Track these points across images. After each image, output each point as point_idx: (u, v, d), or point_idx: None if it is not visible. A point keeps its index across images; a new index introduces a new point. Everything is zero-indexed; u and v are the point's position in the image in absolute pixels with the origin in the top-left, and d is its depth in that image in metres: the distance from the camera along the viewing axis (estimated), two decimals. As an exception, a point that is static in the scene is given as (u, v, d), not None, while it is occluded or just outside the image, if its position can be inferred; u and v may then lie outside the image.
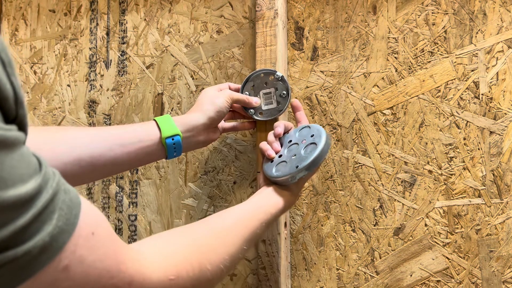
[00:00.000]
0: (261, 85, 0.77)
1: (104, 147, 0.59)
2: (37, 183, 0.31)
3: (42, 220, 0.31)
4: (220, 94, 0.72)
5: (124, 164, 0.62)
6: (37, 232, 0.30)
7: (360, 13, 0.81)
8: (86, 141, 0.59)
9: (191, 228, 0.52)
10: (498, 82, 0.73)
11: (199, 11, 0.91)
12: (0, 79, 0.29)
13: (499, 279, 0.71)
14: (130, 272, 0.38)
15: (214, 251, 0.49)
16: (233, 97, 0.73)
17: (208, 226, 0.53)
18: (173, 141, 0.64)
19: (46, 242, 0.31)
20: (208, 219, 0.55)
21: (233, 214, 0.58)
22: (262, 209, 0.61)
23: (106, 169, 0.61)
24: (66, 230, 0.32)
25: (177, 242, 0.47)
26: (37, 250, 0.30)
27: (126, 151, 0.61)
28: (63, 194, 0.33)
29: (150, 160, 0.67)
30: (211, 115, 0.69)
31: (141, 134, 0.63)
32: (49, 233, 0.31)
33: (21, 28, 1.04)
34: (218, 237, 0.51)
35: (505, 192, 0.72)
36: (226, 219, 0.56)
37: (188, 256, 0.45)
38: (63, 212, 0.32)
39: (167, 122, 0.65)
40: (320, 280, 0.80)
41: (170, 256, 0.44)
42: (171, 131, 0.64)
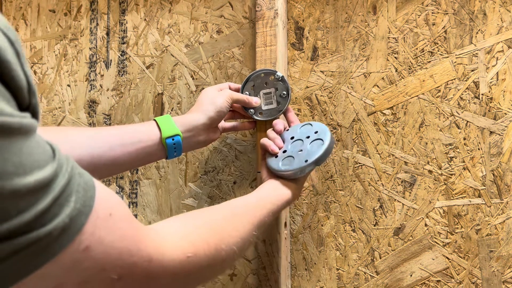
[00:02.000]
0: (261, 85, 0.77)
1: (105, 147, 0.60)
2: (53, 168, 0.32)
3: (60, 203, 0.32)
4: (220, 94, 0.72)
5: (124, 164, 0.62)
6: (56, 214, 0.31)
7: (360, 13, 0.81)
8: (87, 141, 0.59)
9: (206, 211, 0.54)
10: (498, 82, 0.73)
11: (199, 11, 0.91)
12: (15, 70, 0.30)
13: (499, 279, 0.71)
14: (149, 250, 0.39)
15: (229, 233, 0.51)
16: (233, 97, 0.73)
17: (221, 211, 0.55)
18: (173, 141, 0.64)
19: (66, 223, 0.32)
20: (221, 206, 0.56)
21: (243, 203, 0.60)
22: (269, 199, 0.63)
23: (107, 169, 0.61)
24: (83, 211, 0.33)
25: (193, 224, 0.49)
26: (57, 232, 0.31)
27: (126, 151, 0.61)
28: (78, 177, 0.34)
29: (151, 160, 0.67)
30: (211, 115, 0.69)
31: (142, 134, 0.63)
32: (68, 215, 0.32)
33: (21, 28, 1.04)
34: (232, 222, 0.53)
35: (505, 192, 0.72)
36: (237, 207, 0.58)
37: (204, 236, 0.47)
38: (80, 195, 0.33)
39: (167, 122, 0.65)
40: (320, 280, 0.80)
41: (187, 236, 0.45)
42: (171, 131, 0.65)
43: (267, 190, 0.66)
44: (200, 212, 0.53)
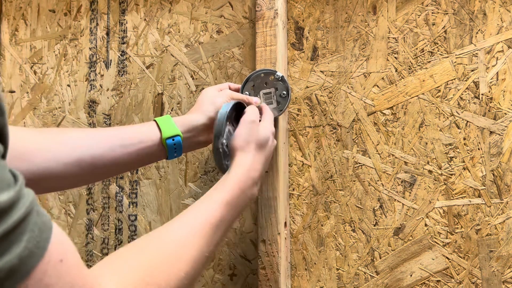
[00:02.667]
0: (261, 85, 0.77)
1: (105, 148, 0.59)
2: (9, 197, 0.29)
3: (11, 240, 0.28)
4: (220, 94, 0.72)
5: (125, 164, 0.62)
6: (4, 252, 0.28)
7: (360, 13, 0.81)
8: (87, 142, 0.59)
9: (145, 244, 0.48)
10: (498, 82, 0.73)
11: (199, 11, 0.91)
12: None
13: (499, 279, 0.71)
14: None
15: (167, 271, 0.45)
16: (233, 97, 0.73)
17: (160, 241, 0.49)
18: (173, 141, 0.64)
19: (13, 264, 0.29)
20: (161, 231, 0.50)
21: (184, 220, 0.53)
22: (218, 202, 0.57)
23: (107, 170, 0.61)
24: (35, 253, 0.30)
25: (132, 262, 0.44)
26: (3, 273, 0.28)
27: (126, 151, 0.61)
28: (36, 216, 0.31)
29: (151, 160, 0.67)
30: (211, 115, 0.69)
31: (142, 135, 0.63)
32: (17, 255, 0.29)
33: (21, 28, 1.04)
34: (170, 254, 0.47)
35: (505, 192, 0.72)
36: (176, 230, 0.51)
37: (143, 276, 0.43)
38: (34, 234, 0.30)
39: (168, 122, 0.65)
40: (320, 280, 0.80)
41: (127, 277, 0.42)
42: (172, 131, 0.65)
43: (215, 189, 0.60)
44: (142, 245, 0.48)
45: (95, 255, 0.94)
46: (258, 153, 0.65)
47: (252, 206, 0.84)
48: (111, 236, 0.94)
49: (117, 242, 0.93)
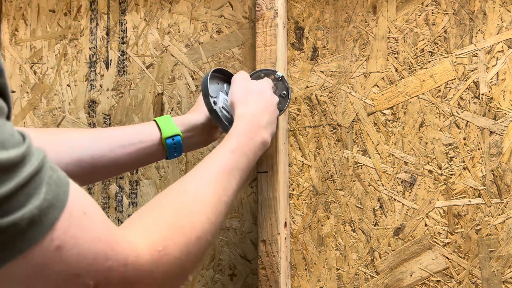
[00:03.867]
0: None
1: (105, 148, 0.60)
2: (20, 152, 0.29)
3: (28, 193, 0.29)
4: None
5: (125, 164, 0.62)
6: (23, 204, 0.28)
7: (360, 13, 0.81)
8: (87, 142, 0.59)
9: (165, 198, 0.48)
10: (498, 82, 0.73)
11: (199, 11, 0.91)
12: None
13: (499, 279, 0.71)
14: (125, 252, 0.36)
15: (190, 219, 0.46)
16: None
17: (178, 193, 0.49)
18: (173, 141, 0.64)
19: (35, 215, 0.29)
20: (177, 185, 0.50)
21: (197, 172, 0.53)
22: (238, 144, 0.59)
23: (107, 170, 0.61)
24: (55, 205, 0.30)
25: (156, 216, 0.44)
26: (25, 223, 0.28)
27: (126, 151, 0.61)
28: (50, 170, 0.32)
29: (151, 160, 0.67)
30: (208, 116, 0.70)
31: (142, 135, 0.63)
32: (37, 206, 0.29)
33: (21, 28, 1.04)
34: (190, 203, 0.48)
35: (505, 192, 0.72)
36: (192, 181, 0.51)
37: (168, 227, 0.43)
38: (52, 187, 0.31)
39: (167, 122, 0.65)
40: (320, 280, 0.80)
41: (153, 229, 0.42)
42: (172, 131, 0.65)
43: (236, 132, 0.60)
44: (164, 200, 0.48)
45: (95, 255, 0.94)
46: (258, 101, 0.65)
47: (252, 206, 0.84)
48: (111, 236, 0.94)
49: (117, 242, 0.93)
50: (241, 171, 0.57)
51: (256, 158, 0.63)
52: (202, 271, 0.87)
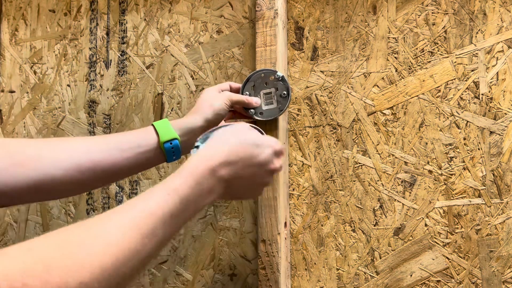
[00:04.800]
0: (261, 85, 0.77)
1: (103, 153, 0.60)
2: None
3: None
4: (219, 96, 0.72)
5: (123, 169, 0.62)
6: None
7: (360, 13, 0.81)
8: (86, 147, 0.60)
9: (65, 232, 0.39)
10: (498, 82, 0.73)
11: (199, 11, 0.91)
12: None
13: (499, 279, 0.71)
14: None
15: (71, 264, 0.36)
16: (232, 99, 0.73)
17: (78, 228, 0.40)
18: (171, 145, 0.65)
19: None
20: (93, 221, 0.42)
21: (121, 209, 0.44)
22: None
23: (106, 175, 0.61)
24: None
25: (37, 248, 0.36)
26: None
27: (125, 156, 0.62)
28: None
29: (151, 164, 0.67)
30: (208, 118, 0.69)
31: (139, 140, 0.64)
32: None
33: (21, 28, 1.04)
34: (82, 244, 0.38)
35: (505, 192, 0.72)
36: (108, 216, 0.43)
37: (42, 264, 0.34)
38: None
39: (165, 126, 0.66)
40: (320, 280, 0.80)
41: (15, 268, 0.33)
42: (169, 135, 0.65)
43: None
44: (60, 231, 0.39)
45: (95, 255, 0.94)
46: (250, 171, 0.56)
47: (252, 206, 0.84)
48: (111, 236, 0.94)
49: (117, 242, 0.93)
50: (175, 219, 0.46)
51: (202, 207, 0.52)
52: (202, 271, 0.87)
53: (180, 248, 0.88)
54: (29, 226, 0.99)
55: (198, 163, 0.50)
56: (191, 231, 0.88)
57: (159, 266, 0.89)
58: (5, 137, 1.03)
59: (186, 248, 0.88)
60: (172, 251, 0.89)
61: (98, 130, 0.96)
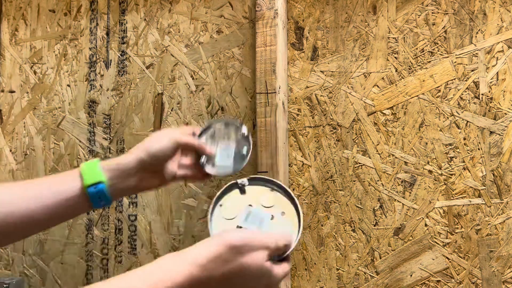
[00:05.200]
0: (221, 136, 0.70)
1: (18, 202, 0.53)
2: None
3: None
4: (164, 137, 0.64)
5: (43, 220, 0.55)
6: None
7: (360, 13, 0.81)
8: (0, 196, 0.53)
9: None
10: (498, 82, 0.73)
11: (199, 11, 0.91)
12: None
13: (499, 279, 0.71)
14: None
15: None
16: (179, 141, 0.65)
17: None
18: (95, 189, 0.57)
19: None
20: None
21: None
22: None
23: (22, 228, 0.54)
24: None
25: None
26: None
27: (44, 205, 0.55)
28: None
29: (74, 213, 0.60)
30: (142, 158, 0.61)
31: (60, 185, 0.57)
32: None
33: (21, 28, 1.04)
34: None
35: (505, 192, 0.72)
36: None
37: None
38: None
39: (91, 168, 0.58)
40: (320, 280, 0.80)
41: None
42: (93, 177, 0.57)
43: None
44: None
45: (95, 255, 0.94)
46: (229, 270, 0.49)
47: (252, 206, 0.84)
48: (111, 236, 0.94)
49: (117, 242, 0.93)
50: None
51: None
52: (202, 271, 0.87)
53: (180, 248, 0.88)
54: (29, 226, 0.99)
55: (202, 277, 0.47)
56: (191, 231, 0.88)
57: (159, 266, 0.89)
58: (5, 137, 1.03)
59: (186, 248, 0.88)
60: (172, 251, 0.89)
61: (98, 130, 0.96)
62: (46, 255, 0.98)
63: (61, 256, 0.97)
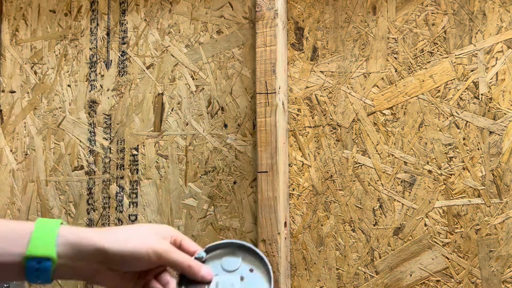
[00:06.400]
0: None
1: None
2: None
3: None
4: (152, 239, 0.48)
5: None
6: None
7: (359, 13, 0.81)
8: None
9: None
10: (498, 82, 0.73)
11: (199, 12, 0.91)
12: None
13: (498, 279, 0.72)
14: None
15: None
16: (165, 257, 0.48)
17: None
18: (38, 265, 0.43)
19: None
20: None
21: None
22: None
23: None
24: None
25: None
26: None
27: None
28: None
29: (8, 278, 0.45)
30: (107, 250, 0.45)
31: (3, 244, 0.43)
32: None
33: (22, 28, 1.04)
34: None
35: (504, 192, 0.72)
36: None
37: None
38: None
39: (46, 234, 0.44)
40: (320, 280, 0.80)
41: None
42: (42, 250, 0.43)
43: None
44: None
45: (95, 255, 0.94)
46: None
47: (252, 206, 0.84)
48: (111, 236, 0.94)
49: (118, 242, 0.93)
50: None
51: None
52: (202, 271, 0.87)
53: (180, 248, 0.89)
54: (29, 226, 0.99)
55: None
56: (191, 231, 0.88)
57: (159, 266, 0.89)
58: (6, 137, 1.03)
59: (186, 248, 0.88)
60: (172, 251, 0.89)
61: (98, 130, 0.96)
62: (46, 255, 0.98)
63: (61, 256, 0.97)
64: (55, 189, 0.99)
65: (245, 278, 0.51)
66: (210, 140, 0.88)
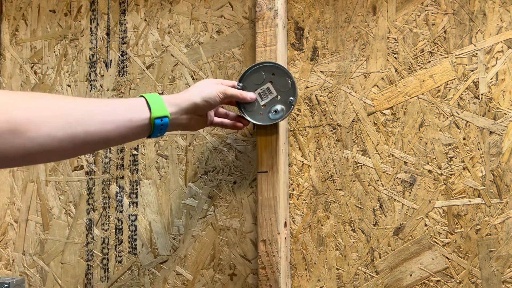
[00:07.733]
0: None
1: (98, 125, 0.59)
2: None
3: None
4: (214, 86, 0.72)
5: (113, 142, 0.62)
6: None
7: (360, 13, 0.81)
8: (80, 116, 0.58)
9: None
10: (498, 82, 0.73)
11: (199, 11, 0.91)
12: None
13: (498, 279, 0.72)
14: None
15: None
16: (226, 92, 0.72)
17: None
18: (161, 122, 0.64)
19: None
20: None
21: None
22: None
23: (96, 146, 0.61)
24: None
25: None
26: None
27: (118, 130, 0.61)
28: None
29: (136, 138, 0.67)
30: (196, 101, 0.69)
31: (132, 114, 0.63)
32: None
33: (22, 28, 1.04)
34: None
35: (504, 192, 0.72)
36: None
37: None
38: None
39: (157, 101, 0.64)
40: (320, 280, 0.80)
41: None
42: (161, 111, 0.64)
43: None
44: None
45: (95, 255, 0.94)
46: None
47: (252, 206, 0.84)
48: (111, 236, 0.94)
49: (117, 242, 0.93)
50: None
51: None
52: (202, 271, 0.87)
53: (180, 248, 0.89)
54: (29, 226, 1.00)
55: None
56: (191, 231, 0.88)
57: (159, 266, 0.89)
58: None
59: (186, 248, 0.88)
60: (172, 251, 0.89)
61: (98, 130, 0.96)
62: (46, 255, 0.98)
63: (61, 256, 0.97)
64: (55, 189, 0.99)
65: (273, 81, 0.75)
66: (210, 140, 0.88)
